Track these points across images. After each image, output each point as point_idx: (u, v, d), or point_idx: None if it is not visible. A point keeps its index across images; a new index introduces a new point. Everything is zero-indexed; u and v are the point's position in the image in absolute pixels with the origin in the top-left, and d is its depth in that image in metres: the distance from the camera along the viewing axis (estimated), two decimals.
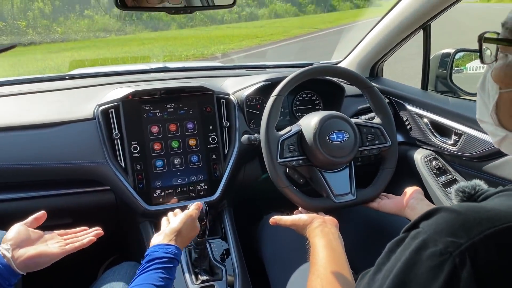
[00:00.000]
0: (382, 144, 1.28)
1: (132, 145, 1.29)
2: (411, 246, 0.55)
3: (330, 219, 1.04)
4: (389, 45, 1.54)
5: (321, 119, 1.20)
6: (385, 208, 1.19)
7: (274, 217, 1.11)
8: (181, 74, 1.76)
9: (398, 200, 1.17)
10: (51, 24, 12.33)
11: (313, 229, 1.00)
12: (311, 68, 1.23)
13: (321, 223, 1.01)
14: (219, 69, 1.90)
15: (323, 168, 1.23)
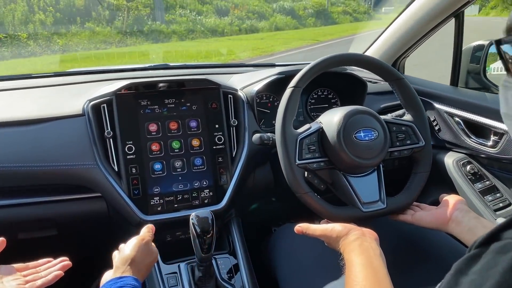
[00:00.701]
0: (415, 144, 1.11)
1: (127, 145, 1.12)
2: (500, 263, 0.42)
3: (370, 232, 0.87)
4: (415, 36, 1.38)
5: (345, 115, 1.04)
6: (421, 221, 1.00)
7: (300, 225, 0.96)
8: (183, 71, 1.60)
9: (438, 213, 0.98)
10: (52, 35, 12.29)
11: (349, 242, 0.83)
12: (334, 56, 1.07)
13: (359, 236, 0.84)
14: (224, 66, 1.75)
15: (348, 172, 1.06)
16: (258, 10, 19.18)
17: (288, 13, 20.14)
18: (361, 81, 1.36)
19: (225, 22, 16.92)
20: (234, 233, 1.21)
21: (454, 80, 1.40)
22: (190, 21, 15.83)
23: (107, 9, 14.52)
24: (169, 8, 16.40)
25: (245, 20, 17.77)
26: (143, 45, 12.75)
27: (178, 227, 1.17)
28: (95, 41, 12.36)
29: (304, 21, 20.84)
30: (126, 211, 1.11)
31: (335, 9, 23.90)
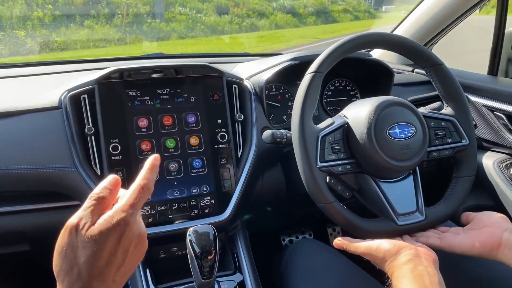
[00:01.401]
0: (457, 142, 0.92)
1: (112, 144, 0.94)
2: None
3: (426, 252, 0.69)
4: (449, 17, 1.19)
5: (377, 107, 0.85)
6: (457, 247, 0.78)
7: (340, 240, 0.81)
8: (179, 60, 1.41)
9: (480, 235, 0.77)
10: (50, 34, 12.11)
11: (399, 265, 0.67)
12: (362, 35, 0.88)
13: (412, 257, 0.67)
14: (226, 56, 1.55)
15: (379, 177, 0.88)
16: (258, 8, 18.98)
17: (289, 11, 19.94)
18: (387, 69, 1.16)
19: (225, 20, 16.72)
20: (240, 249, 1.02)
21: (493, 69, 1.21)
22: (189, 19, 15.63)
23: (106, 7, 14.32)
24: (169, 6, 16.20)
25: (245, 18, 17.57)
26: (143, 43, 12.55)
27: (173, 241, 0.98)
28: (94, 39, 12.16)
29: (305, 20, 20.63)
30: None
31: (335, 7, 23.69)
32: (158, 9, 15.39)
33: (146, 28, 13.67)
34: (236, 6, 18.50)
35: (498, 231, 0.75)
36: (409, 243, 0.73)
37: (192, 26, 15.09)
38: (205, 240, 0.77)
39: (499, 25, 1.15)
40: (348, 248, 0.80)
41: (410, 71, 1.41)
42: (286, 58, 1.11)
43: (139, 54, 1.46)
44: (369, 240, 0.79)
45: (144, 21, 14.16)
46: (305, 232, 1.58)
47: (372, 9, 25.56)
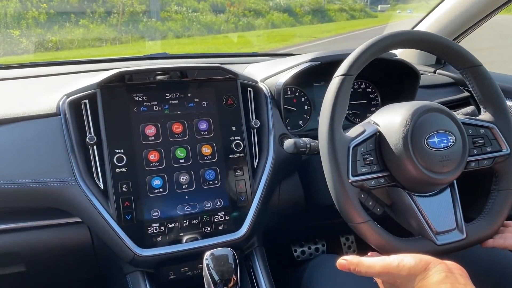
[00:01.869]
0: (497, 152, 0.84)
1: (116, 155, 0.84)
2: None
3: (457, 267, 0.59)
4: (476, 16, 1.10)
5: (413, 113, 0.76)
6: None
7: (345, 258, 0.66)
8: (186, 61, 1.32)
9: None
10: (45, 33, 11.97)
11: (434, 284, 0.56)
12: (396, 34, 0.80)
13: (447, 273, 0.57)
14: (234, 56, 1.46)
15: (414, 190, 0.79)
16: (255, 7, 18.90)
17: (285, 10, 19.88)
18: (413, 70, 1.08)
19: (221, 19, 16.63)
20: (258, 269, 0.93)
21: None
22: (186, 18, 15.52)
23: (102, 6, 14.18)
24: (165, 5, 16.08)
25: (241, 17, 17.49)
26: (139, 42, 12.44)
27: (184, 261, 0.89)
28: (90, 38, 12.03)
29: (301, 19, 20.58)
30: (115, 243, 0.83)
31: (331, 6, 23.66)
32: (154, 8, 15.29)
33: (142, 27, 13.57)
34: (232, 5, 18.42)
35: None
36: (433, 257, 0.62)
37: (188, 25, 15.01)
38: (224, 265, 0.69)
39: None
40: (358, 269, 0.65)
41: (432, 72, 1.32)
42: (305, 59, 1.02)
43: (138, 54, 1.36)
44: (383, 255, 0.69)
45: (140, 20, 14.06)
46: (318, 243, 1.50)
47: (368, 8, 25.59)
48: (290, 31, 17.29)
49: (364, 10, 24.90)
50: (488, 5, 1.09)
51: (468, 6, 1.12)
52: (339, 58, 0.81)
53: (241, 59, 1.39)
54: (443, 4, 1.20)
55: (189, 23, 15.39)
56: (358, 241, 1.53)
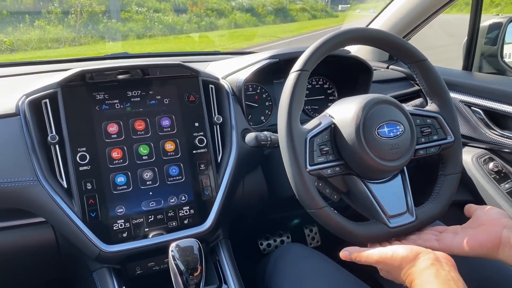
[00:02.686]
0: (443, 140, 0.90)
1: (79, 153, 0.85)
2: None
3: (445, 257, 0.65)
4: (424, 14, 1.18)
5: (364, 105, 0.81)
6: (454, 248, 0.73)
7: (348, 250, 0.74)
8: (147, 60, 1.32)
9: (479, 235, 0.73)
10: None
11: (421, 271, 0.62)
12: (349, 31, 0.84)
13: (433, 261, 0.63)
14: (196, 54, 1.48)
15: (367, 178, 0.84)
16: (217, 7, 18.85)
17: (247, 10, 19.95)
18: (366, 66, 1.14)
19: (184, 19, 16.48)
20: (224, 260, 0.96)
21: (467, 64, 1.21)
22: (147, 18, 15.27)
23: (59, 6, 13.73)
24: (125, 6, 15.76)
25: (204, 17, 17.40)
26: (99, 43, 12.14)
27: (150, 256, 0.91)
28: (46, 40, 11.62)
29: (264, 19, 20.71)
30: (81, 241, 0.84)
31: (293, 6, 23.94)
32: (113, 8, 14.93)
33: (102, 28, 13.24)
34: (194, 5, 18.29)
35: (497, 229, 0.72)
36: (424, 248, 0.68)
37: (150, 26, 14.77)
38: (189, 255, 0.71)
39: (474, 21, 1.15)
40: (359, 259, 0.73)
41: (385, 68, 1.40)
42: (264, 56, 1.05)
43: (99, 55, 1.36)
44: (380, 247, 0.74)
45: (99, 21, 13.71)
46: (283, 235, 1.54)
47: (329, 8, 26.07)
48: (253, 31, 17.38)
49: (325, 10, 25.34)
50: (433, 4, 1.17)
51: (415, 5, 1.20)
52: (296, 55, 0.85)
53: (203, 58, 1.41)
54: (393, 4, 1.27)
55: (151, 23, 15.16)
56: (321, 232, 1.58)
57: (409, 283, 0.64)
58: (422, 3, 1.18)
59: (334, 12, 25.03)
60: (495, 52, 1.19)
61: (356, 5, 26.00)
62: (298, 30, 16.85)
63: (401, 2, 1.23)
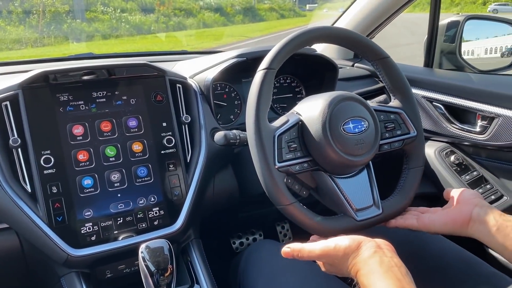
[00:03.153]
0: (406, 134, 0.93)
1: (43, 156, 0.83)
2: None
3: (385, 243, 0.66)
4: (386, 13, 1.21)
5: (330, 102, 0.83)
6: (432, 226, 0.79)
7: (289, 246, 0.73)
8: (112, 61, 1.30)
9: (452, 213, 0.79)
10: None
11: (365, 260, 0.63)
12: (313, 30, 0.86)
13: (375, 249, 0.64)
14: (163, 54, 1.47)
15: (334, 173, 0.86)
16: (185, 7, 18.69)
17: (216, 10, 19.88)
18: (332, 64, 1.16)
19: (151, 19, 16.25)
20: (196, 260, 0.95)
21: (428, 61, 1.26)
22: (113, 18, 14.97)
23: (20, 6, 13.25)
24: (90, 6, 15.39)
25: (172, 17, 17.21)
26: (62, 44, 11.81)
27: (120, 259, 0.89)
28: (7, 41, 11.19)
29: (232, 18, 20.70)
30: (47, 246, 0.82)
31: (261, 6, 24.04)
32: (78, 8, 14.55)
33: (66, 29, 12.88)
34: (162, 4, 18.06)
35: (469, 207, 0.76)
36: (365, 236, 0.69)
37: (116, 26, 14.48)
38: (160, 256, 0.71)
39: (433, 20, 1.19)
40: (301, 255, 0.72)
41: (350, 66, 1.43)
42: (231, 55, 1.06)
43: (63, 56, 1.33)
44: (322, 239, 0.75)
45: (63, 21, 13.33)
46: (255, 233, 1.55)
47: (297, 8, 26.32)
48: (222, 30, 17.32)
49: (293, 9, 25.57)
50: (394, 3, 1.21)
51: (377, 4, 1.23)
52: (263, 54, 0.86)
53: (170, 57, 1.40)
54: (357, 3, 1.30)
55: (117, 23, 14.86)
56: (293, 229, 1.60)
57: (355, 273, 0.64)
58: (384, 2, 1.22)
59: (302, 12, 25.30)
60: (454, 49, 1.24)
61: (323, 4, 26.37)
62: (266, 30, 16.92)
63: (364, 2, 1.27)
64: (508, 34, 1.45)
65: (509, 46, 1.48)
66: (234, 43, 12.83)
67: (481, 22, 1.30)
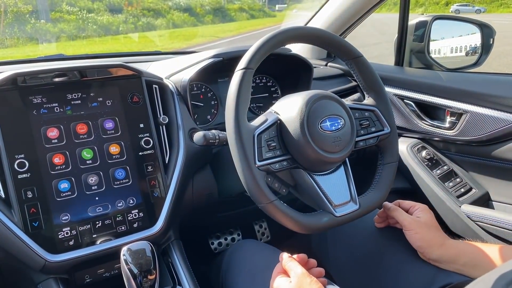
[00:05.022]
0: (380, 131, 0.96)
1: (17, 161, 0.80)
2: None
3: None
4: (358, 13, 1.24)
5: (307, 101, 0.84)
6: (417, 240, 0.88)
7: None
8: (84, 62, 1.28)
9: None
10: None
11: None
12: (289, 30, 0.87)
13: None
14: (136, 55, 1.45)
15: (313, 170, 0.87)
16: (154, 7, 18.45)
17: (185, 10, 19.72)
18: (307, 64, 1.18)
19: (120, 19, 15.95)
20: (177, 261, 0.95)
21: (399, 60, 1.30)
22: (80, 19, 14.61)
23: None
24: (55, 6, 14.96)
25: (141, 17, 16.95)
26: (27, 46, 11.43)
27: (100, 263, 0.88)
28: None
29: (202, 18, 20.58)
30: (23, 252, 0.79)
31: (231, 6, 24.02)
32: (42, 8, 14.10)
33: (30, 29, 12.48)
34: (130, 5, 17.77)
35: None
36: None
37: (83, 27, 14.14)
38: (142, 258, 0.70)
39: (403, 20, 1.23)
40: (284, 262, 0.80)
41: (324, 65, 1.45)
42: (208, 55, 1.06)
43: (30, 57, 1.29)
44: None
45: (27, 22, 12.90)
46: (233, 233, 1.55)
47: (267, 8, 26.45)
48: (192, 30, 17.21)
49: (263, 9, 25.68)
50: (366, 3, 1.24)
51: (349, 5, 1.26)
52: (240, 54, 0.86)
53: (143, 58, 1.39)
54: (329, 4, 1.33)
55: (84, 24, 14.51)
56: (271, 227, 1.61)
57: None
58: (355, 3, 1.25)
59: (271, 12, 25.44)
60: (423, 48, 1.28)
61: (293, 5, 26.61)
62: (237, 30, 16.93)
63: (337, 3, 1.29)
64: (472, 34, 1.51)
65: (473, 45, 1.54)
66: (205, 43, 12.77)
67: (448, 22, 1.35)
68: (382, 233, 0.99)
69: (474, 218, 1.07)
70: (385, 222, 0.98)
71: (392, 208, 0.94)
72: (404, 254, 0.93)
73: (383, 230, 0.99)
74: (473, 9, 22.41)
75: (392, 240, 0.97)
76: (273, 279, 0.79)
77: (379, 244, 0.99)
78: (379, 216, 0.98)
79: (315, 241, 1.10)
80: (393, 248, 0.96)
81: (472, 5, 23.36)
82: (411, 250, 0.90)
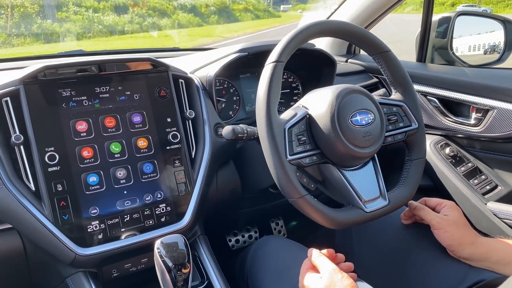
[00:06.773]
0: (408, 126, 0.95)
1: (47, 154, 0.80)
2: None
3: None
4: (383, 7, 1.23)
5: (338, 95, 0.83)
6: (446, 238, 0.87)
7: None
8: (105, 57, 1.27)
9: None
10: None
11: None
12: (318, 23, 0.86)
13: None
14: (155, 51, 1.45)
15: (342, 165, 0.87)
16: (159, 7, 18.50)
17: (190, 10, 19.76)
18: (330, 59, 1.17)
19: (125, 19, 16.01)
20: (204, 256, 0.94)
21: (421, 56, 1.29)
22: (86, 19, 14.67)
23: None
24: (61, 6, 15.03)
25: (146, 17, 17.00)
26: (33, 45, 11.49)
27: (126, 257, 0.88)
28: None
29: (207, 19, 20.61)
30: (53, 246, 0.79)
31: (236, 6, 24.05)
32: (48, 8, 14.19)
33: (37, 29, 12.55)
34: (135, 5, 17.82)
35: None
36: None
37: (89, 26, 14.20)
38: (176, 251, 0.70)
39: (426, 15, 1.22)
40: (314, 257, 0.79)
41: (344, 62, 1.44)
42: (232, 50, 1.05)
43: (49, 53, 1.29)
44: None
45: (33, 22, 12.97)
46: (250, 230, 1.54)
47: (271, 8, 26.47)
48: (198, 31, 17.24)
49: (268, 10, 25.71)
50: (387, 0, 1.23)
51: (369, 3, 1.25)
52: (265, 49, 0.86)
53: (162, 54, 1.38)
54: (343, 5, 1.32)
55: (90, 24, 14.58)
56: (287, 225, 1.61)
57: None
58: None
59: (276, 12, 25.47)
60: (445, 45, 1.27)
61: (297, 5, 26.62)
62: (242, 30, 16.95)
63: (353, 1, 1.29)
64: (492, 32, 1.50)
65: (492, 44, 1.53)
66: (210, 43, 12.78)
67: (471, 18, 1.34)
68: (408, 229, 0.98)
69: (500, 215, 1.06)
70: (412, 218, 0.97)
71: (419, 207, 0.92)
72: (433, 251, 0.92)
73: (410, 226, 0.98)
74: (480, 10, 22.33)
75: (419, 236, 0.96)
76: (302, 275, 0.78)
77: (406, 241, 0.98)
78: (405, 215, 0.97)
79: (339, 237, 1.09)
80: (420, 245, 0.95)
81: (478, 6, 23.26)
82: (439, 247, 0.89)
